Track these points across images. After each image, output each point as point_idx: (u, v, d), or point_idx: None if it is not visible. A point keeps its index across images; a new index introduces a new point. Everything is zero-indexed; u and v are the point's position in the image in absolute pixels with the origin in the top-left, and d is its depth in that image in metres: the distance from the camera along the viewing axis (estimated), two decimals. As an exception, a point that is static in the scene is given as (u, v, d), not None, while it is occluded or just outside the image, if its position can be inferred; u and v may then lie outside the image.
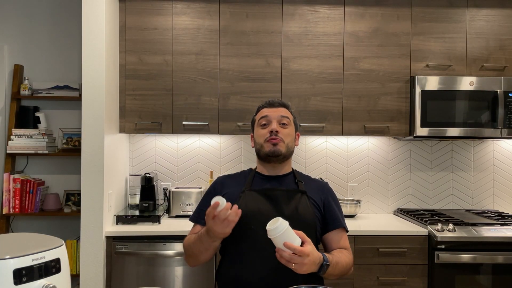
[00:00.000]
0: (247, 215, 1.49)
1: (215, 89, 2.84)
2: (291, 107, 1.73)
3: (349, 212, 2.99)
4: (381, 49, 2.88)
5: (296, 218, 1.49)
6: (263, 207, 1.54)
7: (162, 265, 2.53)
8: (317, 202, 1.62)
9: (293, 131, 1.67)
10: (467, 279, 2.52)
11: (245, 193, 1.59)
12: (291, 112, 1.70)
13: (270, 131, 1.60)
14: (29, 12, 3.16)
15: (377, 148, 3.23)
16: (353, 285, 2.57)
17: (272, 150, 1.59)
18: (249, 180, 1.65)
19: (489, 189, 3.23)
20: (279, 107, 1.67)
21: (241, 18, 2.85)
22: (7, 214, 2.94)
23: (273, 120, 1.63)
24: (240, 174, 1.74)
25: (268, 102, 1.70)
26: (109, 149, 2.62)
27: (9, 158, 3.01)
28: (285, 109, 1.68)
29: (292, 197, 1.58)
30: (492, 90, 2.81)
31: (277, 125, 1.62)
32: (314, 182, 1.72)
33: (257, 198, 1.58)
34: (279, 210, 1.54)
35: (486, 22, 2.91)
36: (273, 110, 1.65)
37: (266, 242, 1.36)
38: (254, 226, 1.50)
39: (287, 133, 1.63)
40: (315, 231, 1.58)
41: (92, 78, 2.52)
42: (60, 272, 1.10)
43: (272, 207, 1.55)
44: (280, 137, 1.60)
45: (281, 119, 1.63)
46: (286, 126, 1.64)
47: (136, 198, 2.97)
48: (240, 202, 1.55)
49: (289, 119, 1.66)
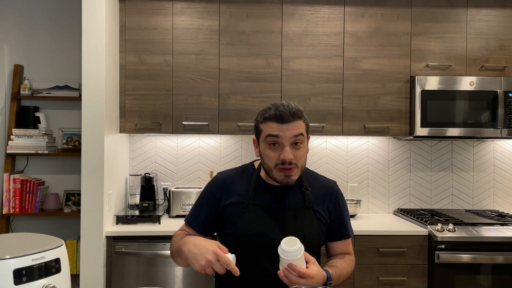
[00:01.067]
0: (250, 236, 1.42)
1: (215, 89, 2.84)
2: (303, 112, 1.45)
3: (349, 212, 2.99)
4: (381, 49, 2.88)
5: (301, 237, 1.32)
6: (267, 228, 1.43)
7: (162, 265, 2.53)
8: (324, 214, 1.52)
9: (306, 146, 1.45)
10: (467, 279, 2.52)
11: (248, 208, 1.45)
12: (304, 119, 1.44)
13: (282, 160, 1.37)
14: (29, 12, 3.16)
15: (377, 148, 3.23)
16: (353, 285, 2.57)
17: (285, 181, 1.40)
18: (252, 189, 1.48)
19: (489, 189, 3.23)
20: (292, 121, 1.38)
21: (241, 18, 2.85)
22: (7, 214, 2.94)
23: (285, 143, 1.37)
24: (242, 172, 1.56)
25: (278, 115, 1.38)
26: (109, 149, 2.62)
27: (9, 158, 3.01)
28: (297, 121, 1.40)
29: (298, 215, 1.46)
30: (492, 90, 2.81)
31: (290, 150, 1.38)
32: (322, 183, 1.57)
33: (261, 216, 1.44)
34: (284, 230, 1.42)
35: (486, 22, 2.90)
36: (285, 128, 1.37)
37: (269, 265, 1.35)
38: (257, 248, 1.42)
39: (302, 155, 1.42)
40: (319, 246, 1.53)
41: (92, 78, 2.52)
42: (60, 272, 1.10)
43: (277, 227, 1.43)
44: (294, 164, 1.38)
45: (295, 139, 1.38)
46: (300, 145, 1.40)
47: (136, 198, 2.97)
48: (244, 219, 1.44)
49: (303, 135, 1.40)
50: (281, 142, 1.38)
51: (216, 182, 1.55)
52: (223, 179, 1.55)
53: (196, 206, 1.56)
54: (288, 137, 1.37)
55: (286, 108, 1.39)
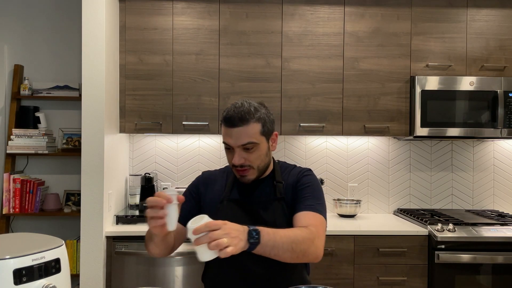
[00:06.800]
0: None
1: (215, 89, 2.84)
2: (258, 110, 1.45)
3: (349, 212, 3.00)
4: (381, 49, 2.88)
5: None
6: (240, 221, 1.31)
7: (162, 265, 2.53)
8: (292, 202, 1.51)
9: (264, 147, 1.47)
10: (467, 279, 2.52)
11: (223, 204, 1.52)
12: (259, 119, 1.44)
13: (233, 164, 1.45)
14: (29, 12, 3.16)
15: (377, 148, 3.23)
16: (353, 285, 2.57)
17: (242, 180, 1.49)
18: (228, 186, 1.55)
19: (489, 189, 3.23)
20: (239, 125, 1.41)
21: (241, 18, 2.85)
22: (7, 214, 2.94)
23: (235, 148, 1.44)
24: (225, 171, 1.62)
25: (227, 119, 1.43)
26: (109, 149, 2.62)
27: (9, 158, 3.01)
28: (247, 126, 1.42)
29: (269, 207, 1.49)
30: (492, 90, 2.81)
31: (241, 153, 1.43)
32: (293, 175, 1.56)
33: (235, 210, 1.50)
34: (256, 222, 1.42)
35: (486, 22, 2.90)
36: (234, 134, 1.42)
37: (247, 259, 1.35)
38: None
39: (256, 157, 1.45)
40: None
41: (92, 78, 2.52)
42: (60, 272, 1.10)
43: (250, 220, 1.45)
44: (247, 166, 1.45)
45: (244, 145, 1.42)
46: (252, 149, 1.44)
47: (136, 198, 2.97)
48: (219, 215, 1.43)
49: (253, 142, 1.43)
50: (232, 146, 1.45)
51: (200, 178, 1.64)
52: (207, 175, 1.64)
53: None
54: (236, 144, 1.43)
55: (237, 111, 1.42)
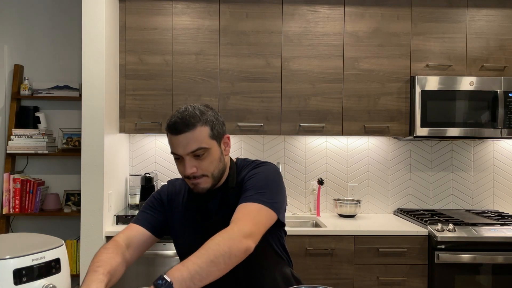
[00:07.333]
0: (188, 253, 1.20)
1: (215, 89, 2.84)
2: (204, 113, 1.31)
3: (349, 212, 3.00)
4: (381, 49, 2.88)
5: None
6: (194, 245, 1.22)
7: (162, 265, 2.53)
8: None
9: (215, 152, 1.34)
10: (467, 279, 2.52)
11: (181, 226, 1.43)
12: (206, 122, 1.31)
13: (183, 175, 1.33)
14: (29, 13, 3.16)
15: (377, 148, 3.23)
16: (353, 285, 2.57)
17: (195, 190, 1.35)
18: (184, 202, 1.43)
19: (489, 189, 3.23)
20: (185, 131, 1.28)
21: (241, 18, 2.85)
22: (7, 214, 2.94)
23: (184, 156, 1.29)
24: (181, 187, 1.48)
25: (171, 125, 1.29)
26: (109, 149, 2.62)
27: (9, 158, 3.01)
28: (193, 131, 1.28)
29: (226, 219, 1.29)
30: (492, 90, 2.81)
31: (190, 163, 1.30)
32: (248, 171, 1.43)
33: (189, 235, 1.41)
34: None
35: (486, 22, 2.90)
36: (180, 141, 1.28)
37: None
38: None
39: (208, 163, 1.32)
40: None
41: (92, 78, 2.52)
42: (60, 272, 1.10)
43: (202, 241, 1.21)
44: (199, 175, 1.31)
45: (194, 152, 1.29)
46: (203, 156, 1.30)
47: (136, 198, 2.97)
48: (179, 243, 1.44)
49: (203, 148, 1.29)
50: (181, 155, 1.30)
51: (163, 191, 1.50)
52: (171, 189, 1.50)
53: (144, 208, 1.49)
54: (184, 153, 1.29)
55: (181, 117, 1.29)
